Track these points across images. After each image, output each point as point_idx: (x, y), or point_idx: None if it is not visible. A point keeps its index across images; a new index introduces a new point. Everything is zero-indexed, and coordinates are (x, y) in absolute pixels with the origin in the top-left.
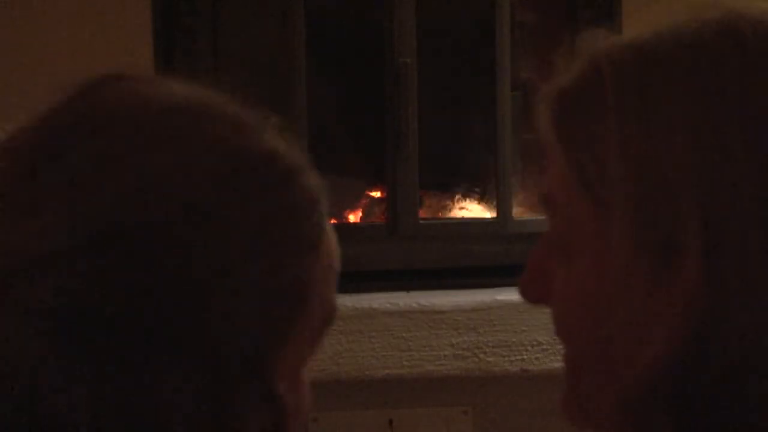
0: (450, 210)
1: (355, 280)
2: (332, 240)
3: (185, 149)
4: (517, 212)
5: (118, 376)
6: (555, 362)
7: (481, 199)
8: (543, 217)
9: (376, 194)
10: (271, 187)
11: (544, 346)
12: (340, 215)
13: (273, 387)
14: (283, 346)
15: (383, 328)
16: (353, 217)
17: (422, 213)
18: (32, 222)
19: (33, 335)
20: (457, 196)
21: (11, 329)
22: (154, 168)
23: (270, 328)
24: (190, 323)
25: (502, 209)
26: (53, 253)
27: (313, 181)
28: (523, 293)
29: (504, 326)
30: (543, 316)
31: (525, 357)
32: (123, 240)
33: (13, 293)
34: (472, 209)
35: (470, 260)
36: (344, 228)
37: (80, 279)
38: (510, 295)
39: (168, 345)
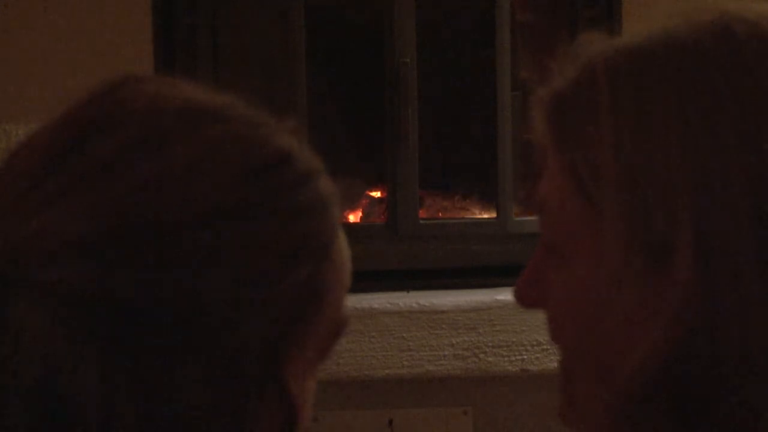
0: (450, 210)
1: (355, 280)
2: (344, 246)
3: (202, 147)
4: (517, 212)
5: (128, 366)
6: (555, 362)
7: (481, 199)
8: None
9: (376, 194)
10: (287, 187)
11: (544, 346)
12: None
13: (286, 386)
14: (296, 349)
15: (383, 328)
16: (353, 217)
17: (422, 213)
18: (50, 213)
19: (46, 321)
20: (457, 196)
21: (25, 315)
22: (171, 164)
23: (283, 329)
24: (203, 318)
25: (502, 209)
26: (70, 243)
27: (327, 185)
28: (518, 297)
29: (504, 326)
30: (544, 315)
31: (525, 357)
32: (137, 234)
33: (30, 280)
34: (472, 209)
35: (470, 260)
36: (344, 228)
37: (95, 270)
38: (510, 295)
39: (180, 339)
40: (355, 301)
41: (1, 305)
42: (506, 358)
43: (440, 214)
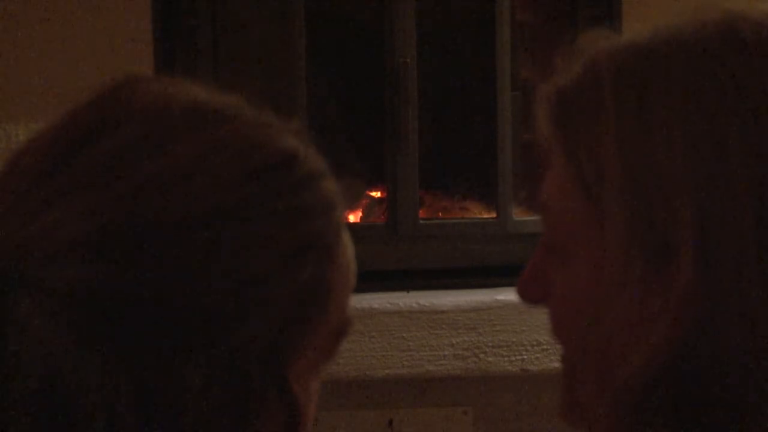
0: (450, 210)
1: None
2: (349, 249)
3: (207, 146)
4: (517, 212)
5: (129, 366)
6: (555, 362)
7: (481, 199)
8: None
9: (376, 194)
10: (292, 187)
11: (544, 346)
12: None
13: (288, 387)
14: (299, 349)
15: (383, 328)
16: (353, 217)
17: (422, 213)
18: (52, 213)
19: (49, 321)
20: (457, 196)
21: (28, 315)
22: (173, 164)
23: (285, 329)
24: (203, 318)
25: (502, 209)
26: (71, 242)
27: (331, 186)
28: (520, 294)
29: (504, 326)
30: (543, 316)
31: (525, 357)
32: (138, 234)
33: (32, 280)
34: (472, 209)
35: (470, 260)
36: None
37: (96, 270)
38: (510, 295)
39: (180, 339)
40: (355, 301)
41: (4, 305)
42: (506, 358)
43: (440, 214)
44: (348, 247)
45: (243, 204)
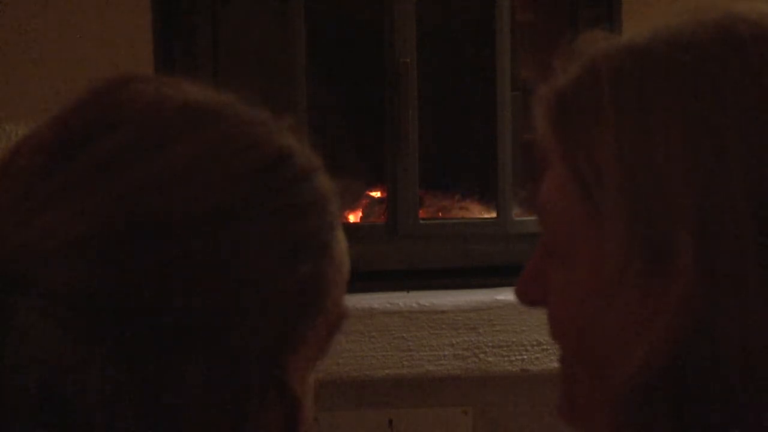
0: (450, 210)
1: (355, 280)
2: (343, 243)
3: (202, 145)
4: (517, 212)
5: (129, 366)
6: (555, 362)
7: (481, 199)
8: None
9: (376, 194)
10: (286, 184)
11: (544, 346)
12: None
13: (287, 384)
14: (295, 345)
15: (383, 328)
16: (353, 217)
17: (422, 213)
18: (50, 213)
19: (48, 321)
20: (457, 196)
21: (28, 316)
22: (171, 165)
23: (284, 327)
24: (203, 318)
25: (502, 209)
26: (71, 242)
27: (325, 182)
28: (519, 295)
29: (504, 326)
30: (543, 315)
31: (525, 357)
32: (137, 234)
33: (31, 281)
34: (472, 209)
35: (470, 260)
36: (344, 228)
37: (95, 270)
38: (510, 295)
39: (180, 339)
40: (355, 301)
41: (4, 305)
42: (506, 358)
43: (440, 214)
44: (342, 242)
45: (241, 203)
